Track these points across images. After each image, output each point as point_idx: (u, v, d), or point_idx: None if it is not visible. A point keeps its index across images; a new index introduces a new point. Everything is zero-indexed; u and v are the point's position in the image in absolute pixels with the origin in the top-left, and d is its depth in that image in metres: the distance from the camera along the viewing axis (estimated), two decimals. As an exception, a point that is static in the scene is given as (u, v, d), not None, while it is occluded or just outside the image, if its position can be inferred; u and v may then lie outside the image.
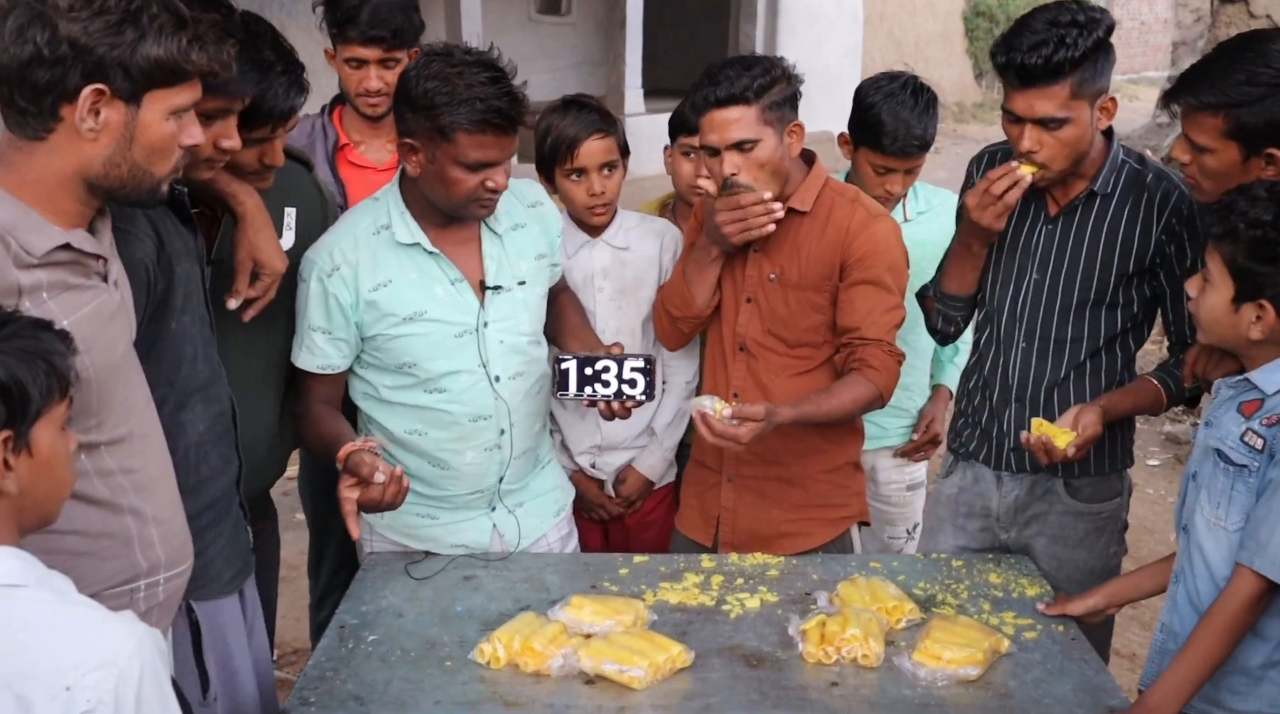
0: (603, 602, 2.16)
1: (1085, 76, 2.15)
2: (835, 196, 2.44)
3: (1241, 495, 1.88)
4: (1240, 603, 1.82)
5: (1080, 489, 2.45)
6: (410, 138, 2.15)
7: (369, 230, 2.26)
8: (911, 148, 2.72)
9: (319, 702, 1.94)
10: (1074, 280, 2.36)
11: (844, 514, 2.57)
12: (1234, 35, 2.17)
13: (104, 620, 1.33)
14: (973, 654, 2.00)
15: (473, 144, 2.11)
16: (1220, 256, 1.87)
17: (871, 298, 2.38)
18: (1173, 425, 5.70)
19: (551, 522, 2.53)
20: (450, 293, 2.28)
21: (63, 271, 1.59)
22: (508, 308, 2.33)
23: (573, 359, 2.30)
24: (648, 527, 2.83)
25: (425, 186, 2.21)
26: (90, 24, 1.52)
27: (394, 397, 2.33)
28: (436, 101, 2.07)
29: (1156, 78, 15.00)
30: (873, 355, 2.36)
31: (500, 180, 2.18)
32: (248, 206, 2.09)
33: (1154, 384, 2.33)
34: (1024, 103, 2.19)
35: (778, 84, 2.32)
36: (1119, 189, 2.32)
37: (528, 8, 12.37)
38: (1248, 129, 1.98)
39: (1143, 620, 3.92)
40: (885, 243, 2.39)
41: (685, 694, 1.96)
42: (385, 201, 2.29)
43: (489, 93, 2.08)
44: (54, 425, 1.39)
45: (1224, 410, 1.94)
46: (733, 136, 2.29)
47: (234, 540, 2.08)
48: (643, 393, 2.29)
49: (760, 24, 12.03)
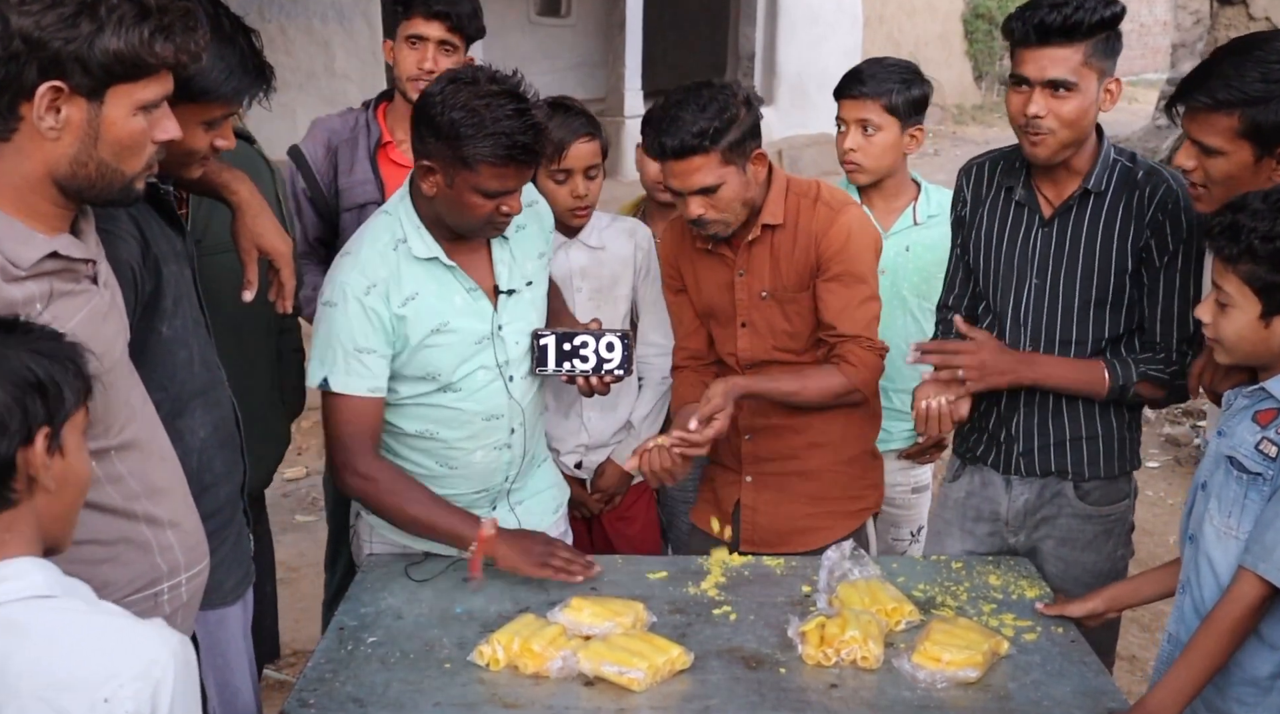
0: (602, 603, 2.16)
1: (1097, 47, 2.18)
2: (799, 200, 2.46)
3: (1254, 504, 1.86)
4: (1243, 608, 1.81)
5: (1089, 492, 2.45)
6: (429, 160, 2.14)
7: (389, 246, 2.24)
8: (858, 91, 2.82)
9: (318, 703, 1.94)
10: (1074, 281, 2.35)
11: (862, 506, 2.61)
12: (1233, 38, 2.17)
13: (136, 629, 1.33)
14: (972, 656, 2.00)
15: (494, 175, 2.10)
16: (1238, 277, 1.84)
17: (843, 294, 2.41)
18: (1173, 427, 5.69)
19: (550, 519, 2.54)
20: (468, 301, 2.28)
21: (53, 280, 1.55)
22: (519, 309, 2.34)
23: (551, 335, 2.33)
24: (630, 521, 2.84)
25: (440, 207, 2.20)
26: (43, 17, 1.45)
27: (409, 399, 2.32)
28: (462, 133, 2.06)
29: (1155, 80, 15.01)
30: (850, 351, 2.41)
31: (515, 205, 2.18)
32: (241, 194, 2.06)
33: (1100, 368, 2.32)
34: (1035, 65, 2.20)
35: (735, 121, 2.29)
36: (1112, 187, 2.32)
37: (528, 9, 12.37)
38: (1262, 128, 1.97)
39: (1143, 623, 3.92)
40: (850, 235, 2.42)
41: (684, 696, 1.96)
42: (397, 216, 2.27)
43: (514, 127, 2.06)
44: (77, 431, 1.39)
45: (1238, 420, 1.92)
46: (695, 184, 2.31)
47: (237, 548, 2.07)
48: (619, 367, 2.33)
49: (760, 26, 12.04)
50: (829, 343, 2.43)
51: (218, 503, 2.00)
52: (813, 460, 2.52)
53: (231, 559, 2.04)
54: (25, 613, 1.29)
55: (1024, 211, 2.40)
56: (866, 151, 2.85)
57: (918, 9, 15.31)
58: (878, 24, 14.30)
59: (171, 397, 1.88)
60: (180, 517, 1.78)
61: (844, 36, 12.78)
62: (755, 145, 2.35)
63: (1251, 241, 1.81)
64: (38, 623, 1.29)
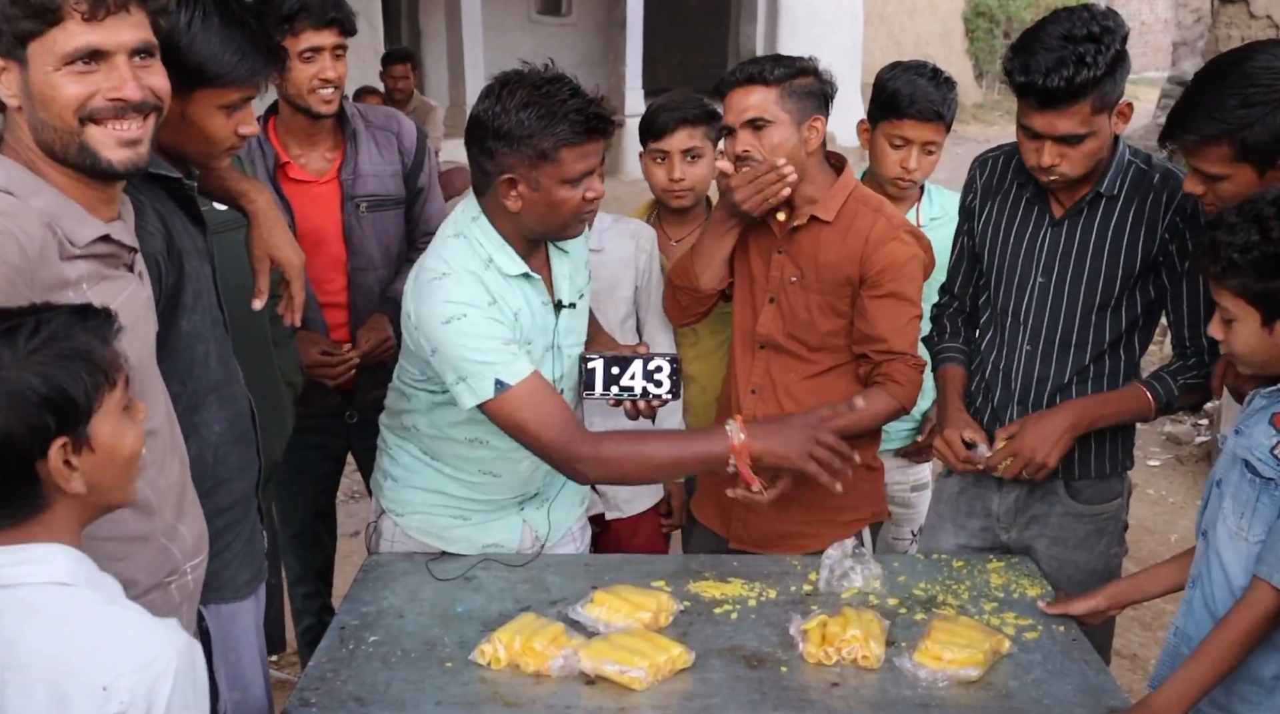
0: (624, 596, 2.17)
1: (1105, 91, 2.13)
2: (859, 205, 2.45)
3: (1266, 508, 1.86)
4: (1256, 616, 1.81)
5: (1080, 490, 2.45)
6: (509, 173, 2.10)
7: (480, 266, 2.18)
8: (928, 112, 2.74)
9: (319, 702, 1.94)
10: (1079, 284, 2.35)
11: (856, 516, 2.60)
12: (1207, 63, 2.15)
13: (145, 625, 1.34)
14: (973, 655, 2.00)
15: (576, 156, 2.08)
16: (1230, 292, 1.85)
17: (896, 310, 2.41)
18: (1173, 426, 5.69)
19: (576, 514, 2.54)
20: (541, 314, 2.26)
21: (99, 263, 1.59)
22: (574, 321, 2.34)
23: (599, 359, 2.30)
24: (636, 532, 2.84)
25: (528, 217, 2.15)
26: None
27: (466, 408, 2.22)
28: (536, 127, 2.05)
29: (1156, 78, 15.01)
30: (897, 370, 2.41)
31: (598, 187, 2.16)
32: (259, 204, 2.08)
33: (1143, 392, 2.31)
34: (1044, 122, 2.17)
35: (803, 76, 2.36)
36: (1125, 190, 2.31)
37: (528, 8, 12.38)
38: (1255, 149, 1.97)
39: (1143, 621, 3.92)
40: (909, 257, 2.42)
41: (686, 695, 1.96)
42: (471, 239, 2.19)
43: (581, 103, 2.07)
44: (112, 414, 1.38)
45: (1256, 421, 1.91)
46: (747, 114, 2.35)
47: (250, 544, 2.07)
48: (668, 392, 2.30)
49: (760, 24, 12.05)
50: (875, 359, 2.43)
51: (232, 498, 2.00)
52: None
53: (245, 555, 2.05)
54: (41, 596, 1.32)
55: (1035, 210, 2.40)
56: (925, 168, 2.84)
57: (919, 7, 15.32)
58: (878, 23, 14.31)
59: (189, 391, 1.89)
60: (188, 505, 1.80)
61: (845, 35, 12.79)
62: (816, 113, 2.39)
63: (1230, 256, 1.82)
64: (51, 608, 1.31)
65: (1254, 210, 1.82)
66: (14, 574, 1.33)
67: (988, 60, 16.42)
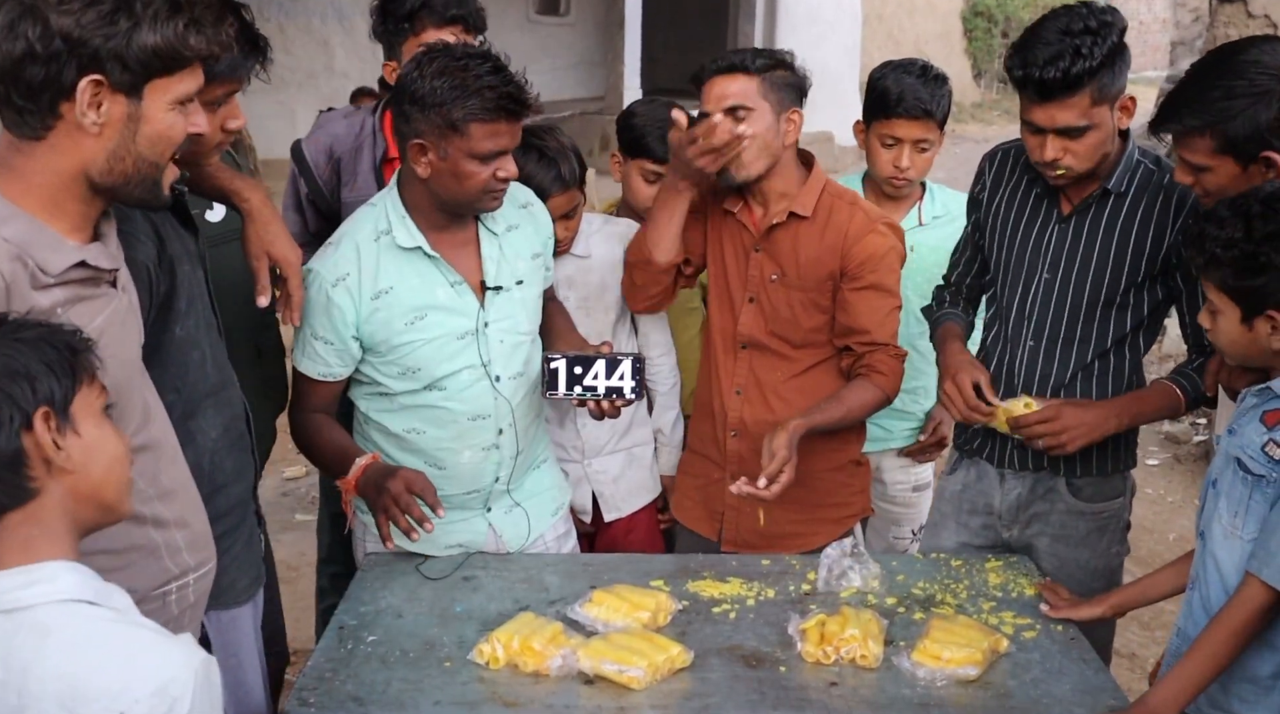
0: (622, 596, 2.17)
1: (1104, 83, 2.14)
2: (834, 199, 2.46)
3: (1259, 506, 1.86)
4: (1248, 612, 1.81)
5: (1082, 488, 2.45)
6: (419, 138, 2.15)
7: (370, 237, 2.26)
8: (916, 110, 2.74)
9: (318, 702, 1.94)
10: (1085, 281, 2.35)
11: (848, 512, 2.60)
12: (1202, 57, 2.17)
13: (160, 645, 1.33)
14: (972, 654, 2.00)
15: (485, 134, 2.11)
16: (1213, 285, 1.89)
17: (877, 302, 2.42)
18: (1172, 425, 5.68)
19: (549, 521, 2.53)
20: (451, 295, 2.28)
21: (76, 287, 1.57)
22: (507, 307, 2.33)
23: (561, 358, 2.29)
24: (632, 530, 2.83)
25: (436, 186, 2.20)
26: (83, 16, 1.47)
27: (398, 397, 2.32)
28: (447, 97, 2.08)
29: (1155, 77, 15.01)
30: (880, 361, 2.42)
31: (511, 168, 2.19)
32: (253, 202, 2.07)
33: (1173, 389, 2.33)
34: (1044, 115, 2.18)
35: (782, 68, 2.38)
36: (1133, 189, 2.32)
37: (526, 8, 12.37)
38: (1237, 141, 1.99)
39: (1142, 620, 3.92)
40: (887, 249, 2.43)
41: (684, 694, 1.96)
42: (383, 206, 2.28)
43: (497, 81, 2.10)
44: (92, 407, 1.39)
45: (1247, 419, 1.92)
46: (727, 102, 2.34)
47: (248, 548, 2.06)
48: (632, 391, 2.29)
49: (759, 24, 12.04)
50: (857, 351, 2.44)
51: (229, 503, 2.00)
52: (800, 466, 2.50)
53: (243, 559, 2.04)
54: (53, 617, 1.30)
55: (1043, 205, 2.40)
56: (919, 167, 2.85)
57: (917, 7, 15.32)
58: (877, 22, 14.31)
59: (184, 397, 1.88)
60: (190, 517, 1.78)
61: (844, 34, 12.78)
62: (793, 105, 2.39)
63: (1214, 250, 1.84)
64: (64, 629, 1.29)
65: (1244, 207, 1.84)
66: (24, 596, 1.31)
67: (986, 60, 16.42)
